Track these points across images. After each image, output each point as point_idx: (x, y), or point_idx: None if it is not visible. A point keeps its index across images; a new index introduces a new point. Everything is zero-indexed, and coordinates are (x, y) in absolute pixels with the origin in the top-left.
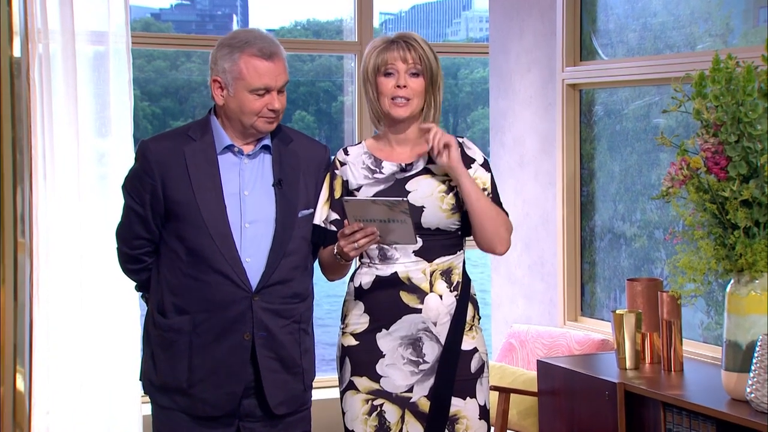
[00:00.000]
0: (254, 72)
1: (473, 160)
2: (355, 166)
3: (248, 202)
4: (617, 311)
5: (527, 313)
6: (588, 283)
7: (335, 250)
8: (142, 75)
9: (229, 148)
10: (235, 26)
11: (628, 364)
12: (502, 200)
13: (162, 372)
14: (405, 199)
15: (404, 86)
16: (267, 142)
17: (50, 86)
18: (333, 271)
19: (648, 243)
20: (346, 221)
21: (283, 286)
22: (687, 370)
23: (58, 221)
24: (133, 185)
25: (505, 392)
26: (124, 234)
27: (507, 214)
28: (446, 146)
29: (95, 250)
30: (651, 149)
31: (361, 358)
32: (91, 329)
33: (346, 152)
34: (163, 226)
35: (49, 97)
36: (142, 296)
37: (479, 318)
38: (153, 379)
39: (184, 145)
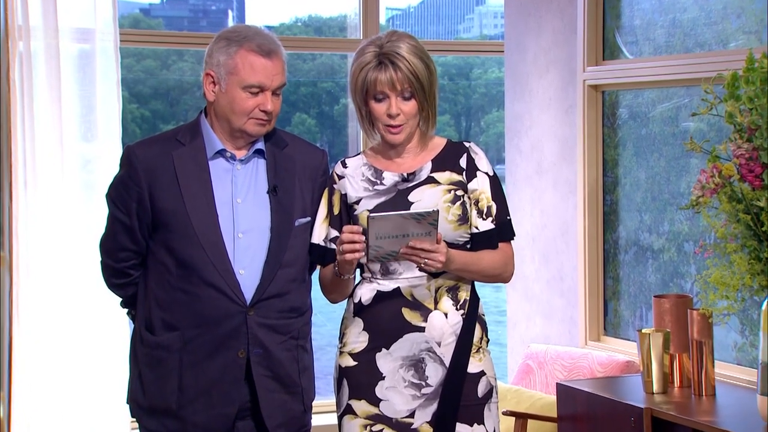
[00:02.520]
0: (249, 67)
1: (477, 169)
2: (354, 178)
3: (241, 211)
4: (643, 330)
5: (545, 332)
6: (611, 299)
7: (335, 266)
8: (130, 75)
9: (220, 153)
10: (230, 22)
11: (656, 387)
12: (510, 215)
13: (150, 393)
14: (436, 209)
15: (397, 114)
16: (260, 146)
17: (32, 87)
18: (333, 290)
19: (676, 256)
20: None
21: (279, 299)
22: (719, 394)
23: (40, 232)
24: (118, 193)
25: (521, 418)
26: (108, 246)
27: (512, 233)
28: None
29: (80, 264)
30: (680, 155)
31: (359, 380)
32: (76, 349)
33: (344, 164)
34: (150, 237)
35: (31, 99)
36: (128, 313)
37: (487, 340)
38: (140, 401)
39: (172, 150)
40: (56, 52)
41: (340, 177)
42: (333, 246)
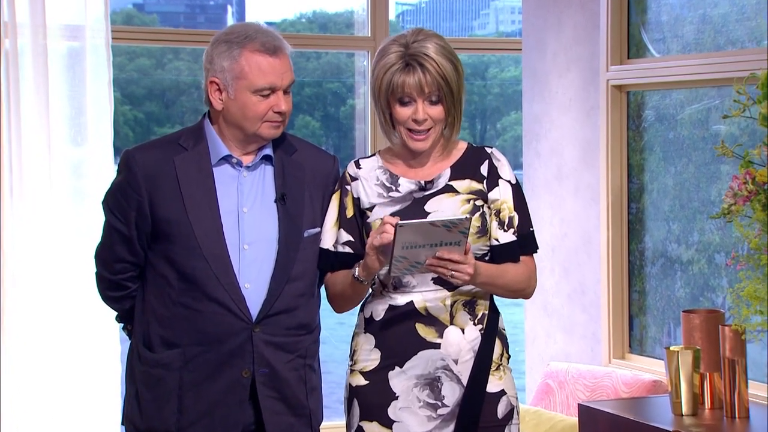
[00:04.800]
0: (257, 69)
1: (499, 177)
2: (368, 182)
3: (247, 221)
4: (671, 348)
5: (566, 349)
6: (637, 315)
7: (355, 271)
8: (122, 75)
9: (226, 158)
10: (229, 18)
11: (685, 409)
12: (533, 226)
13: (147, 414)
14: (468, 216)
15: (424, 119)
16: (269, 152)
17: (18, 88)
18: (344, 296)
19: (707, 269)
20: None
21: (287, 315)
22: (753, 416)
23: (26, 242)
24: (116, 201)
25: None
26: (104, 256)
27: (535, 246)
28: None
29: (69, 276)
30: (710, 160)
31: (371, 400)
32: (66, 368)
33: (357, 165)
34: (149, 248)
35: (17, 99)
36: (123, 328)
37: (508, 357)
38: (137, 423)
39: (174, 155)
40: (44, 50)
41: (354, 178)
42: (345, 250)
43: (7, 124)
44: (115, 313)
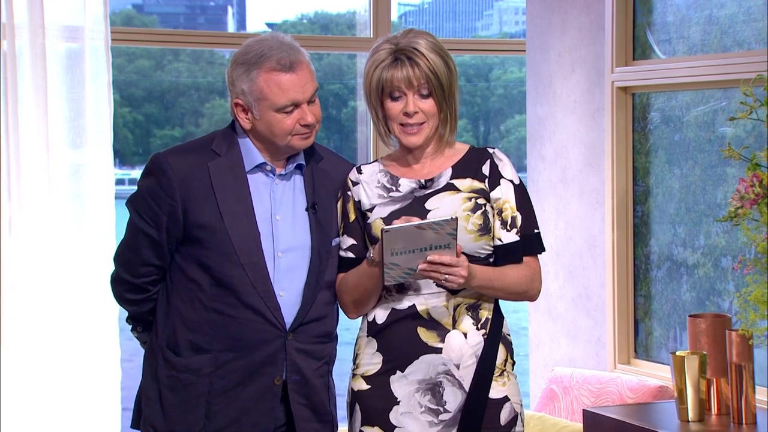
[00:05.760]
0: (277, 88)
1: (501, 177)
2: (369, 185)
3: (281, 228)
4: (677, 353)
5: (571, 354)
6: (642, 319)
7: (369, 253)
8: (122, 76)
9: (260, 166)
10: (229, 19)
11: (691, 415)
12: (539, 227)
13: (172, 418)
14: (455, 216)
15: (414, 112)
16: (301, 160)
17: (16, 89)
18: (362, 293)
19: (713, 273)
20: (372, 248)
21: (318, 323)
22: (761, 423)
23: (25, 246)
24: (146, 204)
25: None
26: (129, 259)
27: (540, 247)
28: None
29: (69, 279)
30: (716, 163)
31: (372, 405)
32: (65, 371)
33: (359, 171)
34: (176, 251)
35: (15, 101)
36: (132, 329)
37: (513, 363)
38: (158, 426)
39: (208, 161)
40: (42, 52)
41: (355, 183)
42: (348, 255)
43: (6, 127)
44: (125, 315)
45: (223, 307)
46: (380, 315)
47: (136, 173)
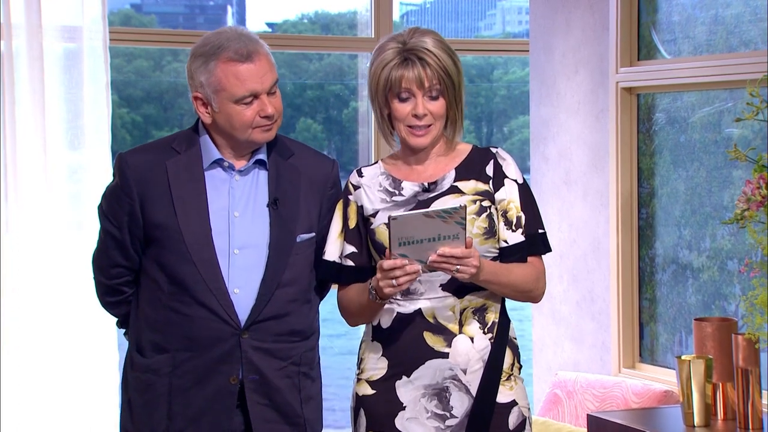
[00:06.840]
0: (234, 79)
1: (505, 177)
2: (371, 189)
3: (238, 225)
4: (683, 357)
5: (575, 358)
6: (647, 323)
7: (370, 284)
8: (120, 77)
9: (217, 162)
10: (229, 19)
11: (697, 420)
12: (545, 227)
13: (138, 420)
14: (463, 204)
15: (424, 114)
16: (262, 156)
17: (14, 90)
18: (359, 313)
19: (719, 276)
20: (387, 251)
21: (277, 321)
22: None
23: (23, 249)
24: (109, 205)
25: None
26: (100, 261)
27: (545, 247)
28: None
29: (67, 281)
30: (722, 164)
31: (377, 410)
32: (63, 373)
33: (360, 174)
34: (143, 252)
35: (12, 102)
36: (125, 334)
37: (520, 366)
38: (129, 429)
39: (166, 159)
40: (40, 52)
41: (356, 187)
42: (347, 263)
43: (3, 127)
44: (116, 319)
45: (178, 306)
46: (385, 319)
47: None
